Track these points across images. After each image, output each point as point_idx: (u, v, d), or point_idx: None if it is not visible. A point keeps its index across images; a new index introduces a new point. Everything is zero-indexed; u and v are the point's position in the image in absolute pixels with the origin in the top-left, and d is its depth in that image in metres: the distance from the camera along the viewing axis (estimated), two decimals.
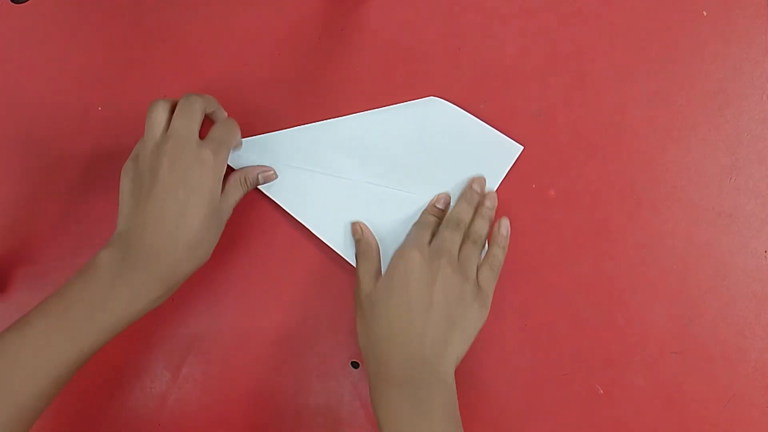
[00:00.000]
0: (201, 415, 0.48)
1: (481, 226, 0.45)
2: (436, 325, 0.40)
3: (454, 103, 0.48)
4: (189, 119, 0.40)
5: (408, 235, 0.46)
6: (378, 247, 0.46)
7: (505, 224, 0.45)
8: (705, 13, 0.48)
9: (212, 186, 0.40)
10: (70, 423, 0.49)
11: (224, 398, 0.48)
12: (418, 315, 0.40)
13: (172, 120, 0.40)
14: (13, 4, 0.39)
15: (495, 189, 0.47)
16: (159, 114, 0.41)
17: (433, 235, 0.45)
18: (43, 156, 0.51)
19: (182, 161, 0.39)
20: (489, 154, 0.48)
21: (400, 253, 0.43)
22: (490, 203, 0.46)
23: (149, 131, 0.40)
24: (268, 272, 0.49)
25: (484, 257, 0.45)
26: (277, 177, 0.47)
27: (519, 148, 0.48)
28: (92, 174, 0.50)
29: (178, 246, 0.39)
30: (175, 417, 0.48)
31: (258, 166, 0.47)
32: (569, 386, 0.46)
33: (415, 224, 0.46)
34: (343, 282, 0.48)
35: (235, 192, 0.44)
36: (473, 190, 0.46)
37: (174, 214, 0.38)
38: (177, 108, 0.41)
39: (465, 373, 0.46)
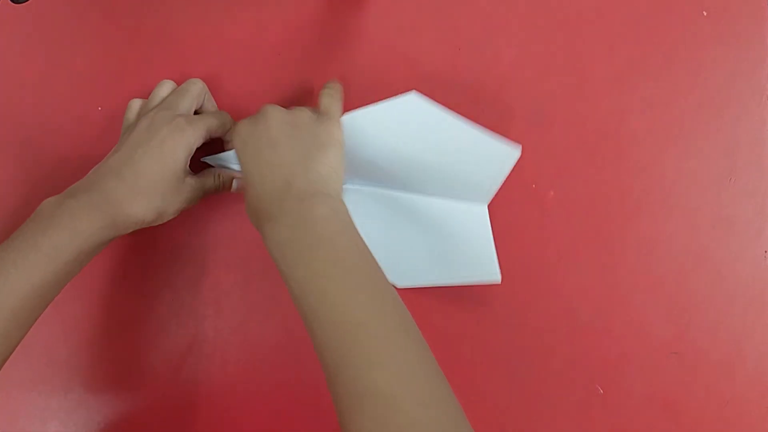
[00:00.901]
0: (201, 416, 0.48)
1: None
2: (288, 151, 0.39)
3: (454, 103, 0.48)
4: (180, 96, 0.44)
5: None
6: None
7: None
8: (705, 14, 0.48)
9: (174, 147, 0.41)
10: (69, 423, 0.49)
11: (224, 398, 0.48)
12: (265, 155, 0.40)
13: (168, 96, 0.45)
14: (13, 4, 0.39)
15: (495, 191, 0.46)
16: (162, 90, 0.46)
17: None
18: (43, 156, 0.51)
19: (156, 123, 0.41)
20: (487, 156, 0.45)
21: (234, 129, 0.42)
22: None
23: (147, 103, 0.45)
24: (268, 272, 0.49)
25: (323, 90, 0.44)
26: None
27: (516, 153, 0.44)
28: None
29: (123, 186, 0.40)
30: (175, 417, 0.48)
31: (233, 172, 0.46)
32: (569, 386, 0.46)
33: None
34: None
35: (208, 179, 0.45)
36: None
37: (126, 157, 0.41)
38: (177, 87, 0.46)
39: (465, 372, 0.47)
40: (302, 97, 0.50)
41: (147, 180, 0.40)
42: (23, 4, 0.40)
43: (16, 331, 0.38)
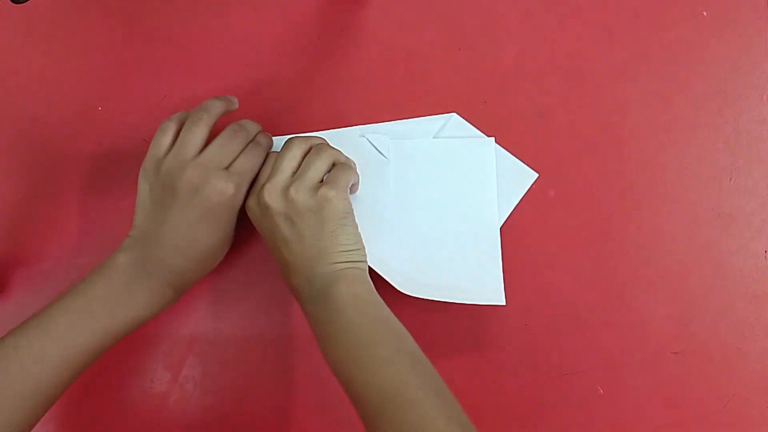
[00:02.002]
0: (201, 416, 0.48)
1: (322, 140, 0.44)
2: (302, 254, 0.41)
3: (454, 104, 0.48)
4: (224, 149, 0.41)
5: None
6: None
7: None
8: (705, 13, 0.48)
9: (228, 218, 0.42)
10: (69, 423, 0.49)
11: (224, 398, 0.48)
12: (285, 256, 0.41)
13: (210, 145, 0.41)
14: (13, 4, 0.39)
15: (508, 214, 0.47)
16: (197, 135, 0.41)
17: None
18: (43, 156, 0.51)
19: (205, 190, 0.40)
20: (504, 178, 0.47)
21: (246, 204, 0.43)
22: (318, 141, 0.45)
23: (182, 147, 0.41)
24: (269, 272, 0.49)
25: (336, 161, 0.43)
26: None
27: (534, 175, 0.47)
28: (92, 174, 0.50)
29: (189, 261, 0.42)
30: (175, 417, 0.48)
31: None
32: (569, 386, 0.46)
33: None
34: None
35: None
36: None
37: (188, 235, 0.41)
38: (220, 136, 0.42)
39: (465, 372, 0.47)
40: (303, 93, 0.50)
41: (210, 251, 0.43)
42: (23, 4, 0.40)
43: (66, 384, 0.39)
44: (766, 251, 0.46)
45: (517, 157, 0.48)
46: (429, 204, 0.47)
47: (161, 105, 0.50)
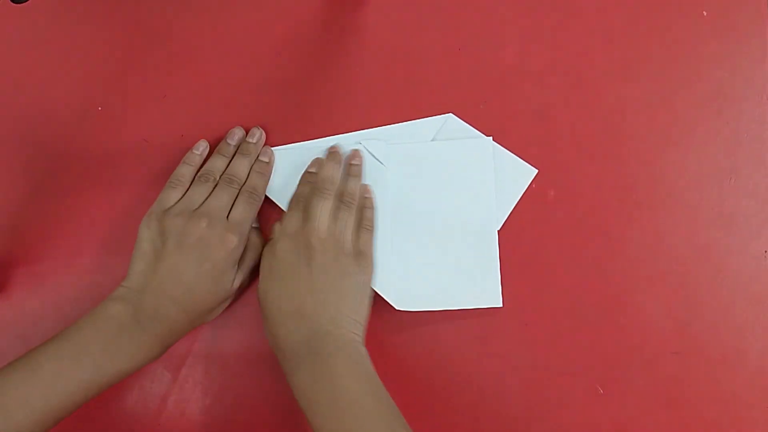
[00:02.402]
0: (201, 416, 0.48)
1: (353, 186, 0.45)
2: (324, 303, 0.41)
3: (454, 103, 0.48)
4: (223, 199, 0.43)
5: (282, 217, 0.45)
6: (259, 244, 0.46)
7: (366, 186, 0.46)
8: (705, 13, 0.48)
9: (226, 269, 0.42)
10: (70, 423, 0.49)
11: (224, 398, 0.48)
12: (304, 299, 0.41)
13: (211, 196, 0.43)
14: (13, 4, 0.39)
15: (508, 213, 0.47)
16: (203, 194, 0.43)
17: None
18: (43, 156, 0.51)
19: (210, 238, 0.41)
20: (504, 176, 0.47)
21: (270, 247, 0.43)
22: (358, 160, 0.46)
23: (190, 202, 0.43)
24: None
25: (361, 222, 0.45)
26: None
27: (533, 172, 0.47)
28: (92, 174, 0.50)
29: (183, 312, 0.42)
30: (175, 417, 0.48)
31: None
32: (569, 386, 0.46)
33: (291, 200, 0.46)
34: None
35: (248, 259, 0.45)
36: (333, 152, 0.47)
37: (185, 283, 0.41)
38: (218, 187, 0.44)
39: (465, 371, 0.47)
40: (303, 94, 0.50)
41: (206, 305, 0.43)
42: (23, 4, 0.40)
43: (48, 426, 0.39)
44: (766, 251, 0.46)
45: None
46: (427, 208, 0.47)
47: (161, 105, 0.50)
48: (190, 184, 0.44)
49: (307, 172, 0.47)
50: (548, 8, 0.49)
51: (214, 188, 0.44)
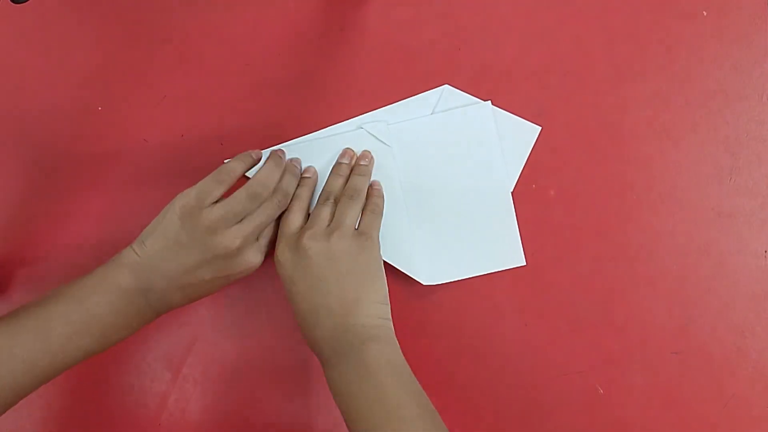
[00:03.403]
0: (201, 416, 0.48)
1: (359, 182, 0.45)
2: (339, 296, 0.41)
3: None
4: (257, 219, 0.42)
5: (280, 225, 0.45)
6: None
7: (375, 181, 0.47)
8: (705, 13, 0.48)
9: (244, 275, 0.43)
10: (70, 422, 0.49)
11: (224, 398, 0.48)
12: (318, 300, 0.41)
13: (250, 216, 0.42)
14: (13, 4, 0.39)
15: (518, 173, 0.47)
16: (244, 209, 0.42)
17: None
18: (43, 156, 0.51)
19: (238, 258, 0.42)
20: (508, 138, 0.48)
21: (275, 256, 0.43)
22: (366, 161, 0.47)
23: (229, 210, 0.41)
24: (269, 273, 0.49)
25: (365, 206, 0.45)
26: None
27: (537, 129, 0.48)
28: (92, 174, 0.50)
29: (184, 299, 0.42)
30: (175, 417, 0.48)
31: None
32: (569, 386, 0.46)
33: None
34: None
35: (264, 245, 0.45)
36: (341, 163, 0.47)
37: (196, 282, 0.41)
38: (261, 207, 0.43)
39: (465, 371, 0.47)
40: (304, 92, 0.50)
41: (205, 295, 0.43)
42: (23, 3, 0.40)
43: (35, 386, 0.39)
44: (766, 251, 0.46)
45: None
46: (438, 181, 0.47)
47: (161, 105, 0.50)
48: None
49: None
50: (548, 8, 0.49)
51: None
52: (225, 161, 0.46)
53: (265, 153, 0.46)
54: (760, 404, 0.45)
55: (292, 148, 0.48)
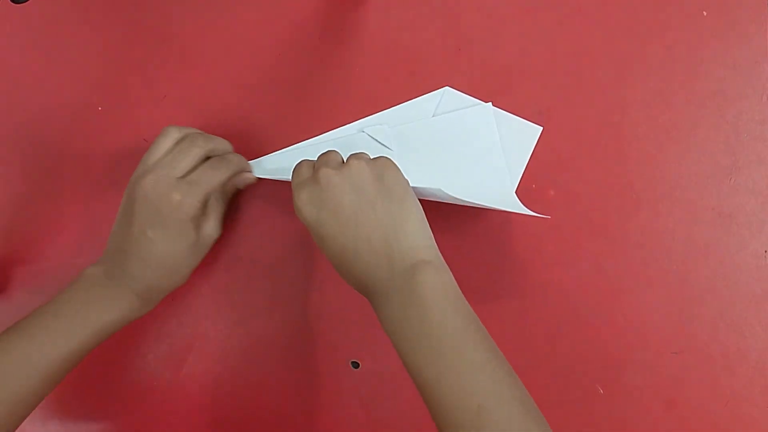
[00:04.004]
0: (201, 415, 0.48)
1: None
2: (375, 223, 0.37)
3: None
4: (178, 158, 0.42)
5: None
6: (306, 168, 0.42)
7: None
8: (705, 13, 0.48)
9: (180, 226, 0.42)
10: (71, 422, 0.49)
11: (224, 398, 0.48)
12: (350, 232, 0.38)
13: (165, 156, 0.43)
14: (13, 4, 0.39)
15: (521, 173, 0.47)
16: (163, 144, 0.43)
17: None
18: (43, 156, 0.51)
19: (153, 199, 0.41)
20: (510, 139, 0.47)
21: (294, 204, 0.40)
22: None
23: (146, 157, 0.43)
24: (269, 273, 0.49)
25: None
26: (255, 179, 0.47)
27: (538, 129, 0.48)
28: (92, 174, 0.50)
29: (153, 271, 0.42)
30: (175, 417, 0.48)
31: (234, 173, 0.46)
32: (569, 386, 0.46)
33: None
34: (343, 282, 0.48)
35: (218, 208, 0.45)
36: None
37: (146, 246, 0.42)
38: (178, 144, 0.43)
39: None
40: (303, 93, 0.50)
41: (171, 261, 0.43)
42: (23, 4, 0.40)
43: (46, 390, 0.40)
44: (766, 251, 0.46)
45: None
46: (440, 184, 0.46)
47: (161, 105, 0.50)
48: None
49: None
50: (548, 8, 0.49)
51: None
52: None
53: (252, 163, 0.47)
54: (760, 404, 0.45)
55: (293, 152, 0.48)
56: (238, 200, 0.49)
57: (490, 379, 0.34)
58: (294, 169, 0.42)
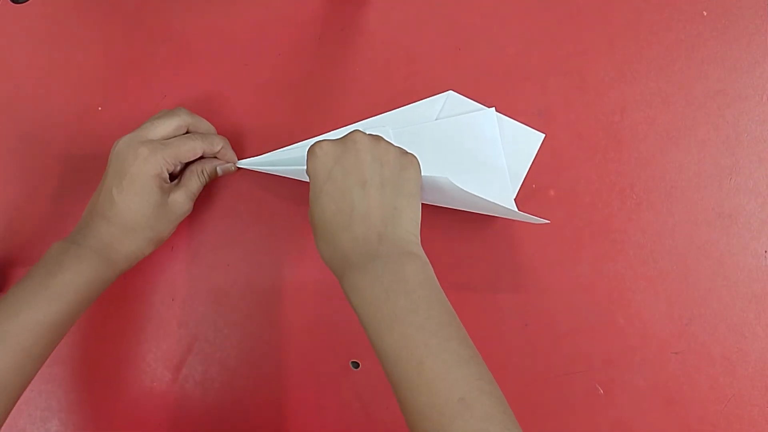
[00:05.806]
0: (201, 415, 0.48)
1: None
2: (379, 202, 0.38)
3: None
4: (156, 123, 0.44)
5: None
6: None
7: None
8: (705, 13, 0.48)
9: (144, 181, 0.42)
10: (71, 422, 0.49)
11: (224, 398, 0.48)
12: (355, 197, 0.38)
13: (147, 124, 0.44)
14: (13, 4, 0.39)
15: (522, 180, 0.47)
16: (150, 118, 0.44)
17: None
18: (43, 156, 0.51)
19: (122, 157, 0.42)
20: (512, 145, 0.47)
21: (311, 149, 0.39)
22: None
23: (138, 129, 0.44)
24: (268, 273, 0.49)
25: None
26: (236, 169, 0.48)
27: (541, 136, 0.48)
28: (91, 174, 0.50)
29: (114, 228, 0.42)
30: (175, 417, 0.48)
31: (217, 159, 0.48)
32: (569, 386, 0.46)
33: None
34: None
35: (191, 183, 0.46)
36: None
37: (109, 203, 0.42)
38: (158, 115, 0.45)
39: None
40: (303, 93, 0.50)
41: (131, 218, 0.43)
42: (23, 4, 0.40)
43: (30, 366, 0.39)
44: (766, 251, 0.46)
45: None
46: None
47: (161, 105, 0.50)
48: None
49: None
50: (548, 8, 0.49)
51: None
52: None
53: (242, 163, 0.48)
54: (760, 404, 0.45)
55: (294, 152, 0.48)
56: (236, 201, 0.49)
57: (472, 374, 0.34)
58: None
